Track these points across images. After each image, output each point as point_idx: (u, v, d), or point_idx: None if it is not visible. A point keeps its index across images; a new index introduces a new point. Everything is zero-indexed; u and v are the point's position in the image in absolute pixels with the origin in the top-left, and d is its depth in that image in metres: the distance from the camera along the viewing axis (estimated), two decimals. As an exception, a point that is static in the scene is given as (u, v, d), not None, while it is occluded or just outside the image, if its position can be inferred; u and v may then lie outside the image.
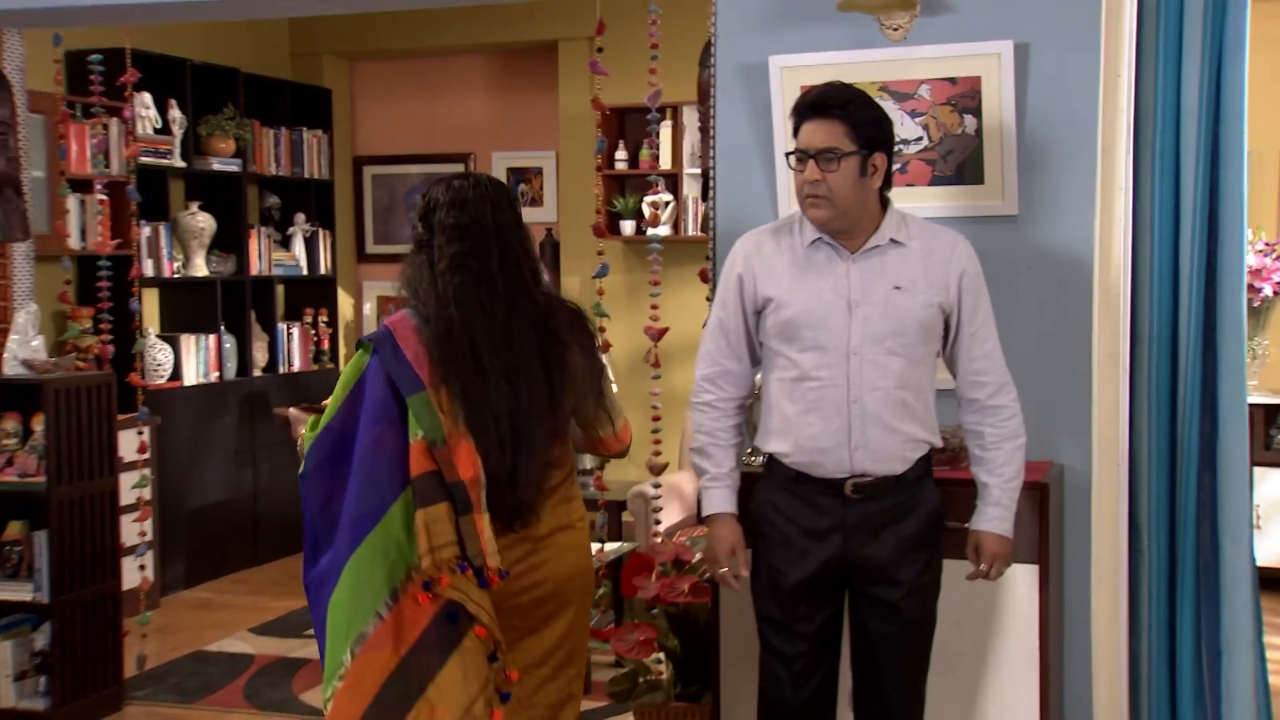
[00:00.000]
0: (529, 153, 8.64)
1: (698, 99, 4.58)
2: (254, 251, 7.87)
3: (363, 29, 8.51)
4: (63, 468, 5.06)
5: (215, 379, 7.57)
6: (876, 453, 3.30)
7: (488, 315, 3.21)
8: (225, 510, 7.60)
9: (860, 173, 3.25)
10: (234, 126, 7.62)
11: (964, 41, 3.93)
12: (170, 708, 5.36)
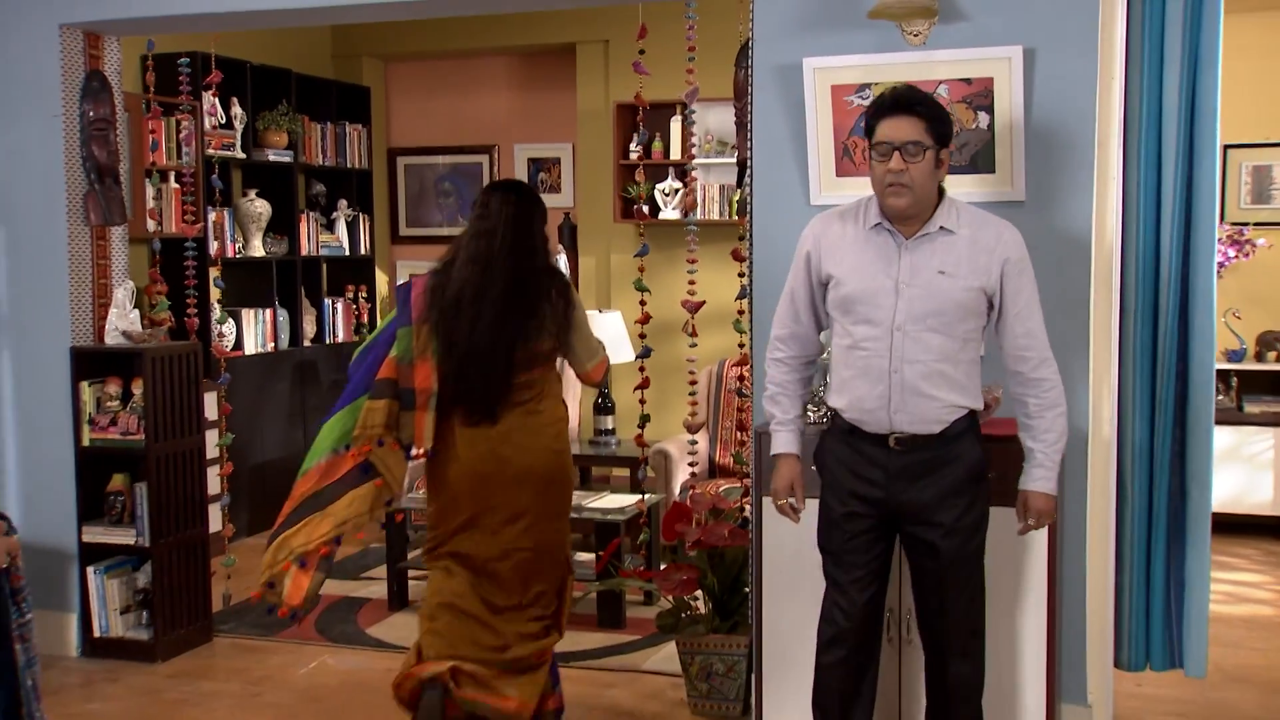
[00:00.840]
0: (548, 144, 8.68)
1: (734, 96, 4.65)
2: (303, 234, 7.92)
3: (397, 33, 8.53)
4: (159, 427, 5.13)
5: (271, 349, 7.63)
6: (914, 416, 3.42)
7: (482, 279, 3.99)
8: (280, 466, 7.65)
9: (934, 164, 3.36)
10: (287, 121, 7.66)
11: (978, 46, 4.03)
12: (253, 640, 5.44)
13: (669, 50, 4.75)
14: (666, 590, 4.51)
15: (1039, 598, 3.79)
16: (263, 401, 7.47)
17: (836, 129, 4.19)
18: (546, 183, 8.68)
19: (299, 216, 7.86)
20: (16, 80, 5.13)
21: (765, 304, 4.37)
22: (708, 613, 4.56)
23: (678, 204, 7.74)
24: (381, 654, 5.23)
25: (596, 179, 8.14)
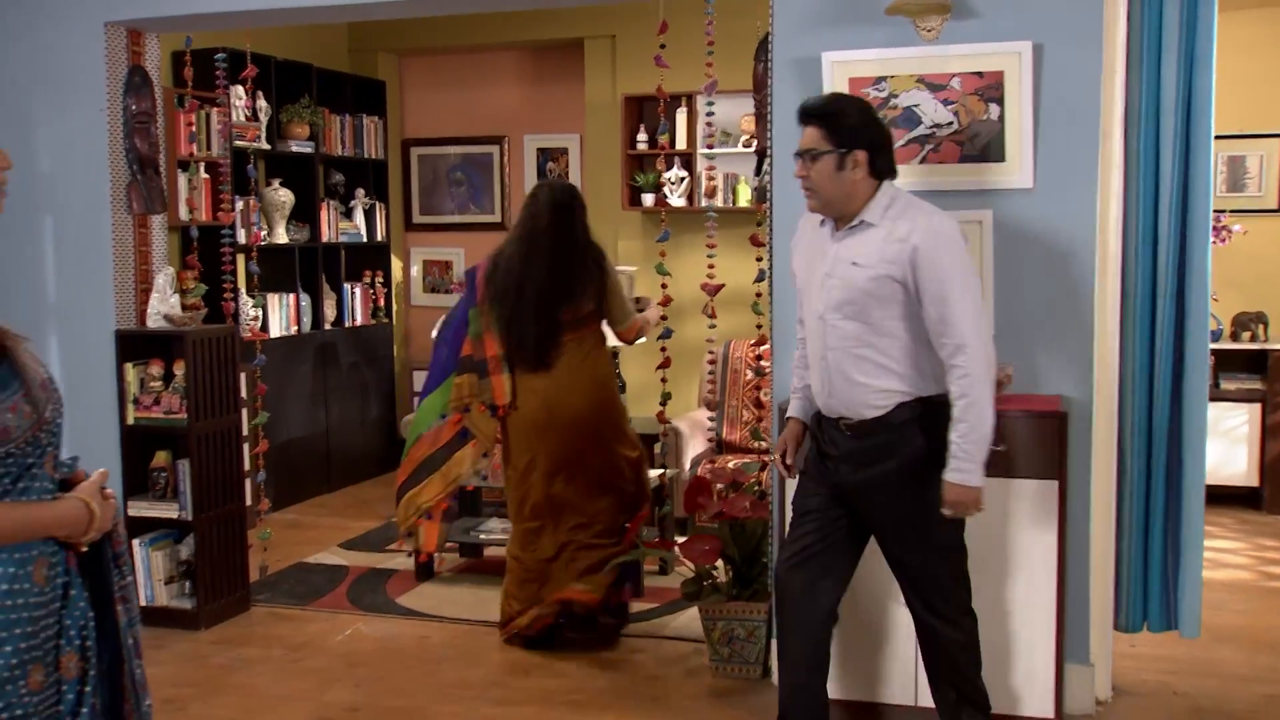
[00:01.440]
0: (556, 135, 8.67)
1: (754, 88, 4.66)
2: (324, 222, 7.91)
3: (412, 29, 8.50)
4: (199, 406, 5.13)
5: (295, 332, 7.62)
6: (846, 401, 3.47)
7: (529, 252, 4.68)
8: (303, 444, 7.67)
9: (838, 167, 3.38)
10: (309, 114, 7.63)
11: (989, 41, 4.05)
12: (289, 609, 5.45)
13: (676, 45, 4.77)
14: (690, 559, 4.54)
15: (1048, 565, 3.83)
16: (287, 383, 7.47)
17: (853, 120, 4.20)
18: (555, 172, 8.67)
19: (320, 205, 7.85)
20: (64, 76, 5.11)
21: (784, 288, 4.39)
22: (728, 581, 4.58)
23: (683, 192, 7.75)
24: (412, 622, 5.25)
25: (604, 169, 8.14)
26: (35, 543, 1.94)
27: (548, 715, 4.24)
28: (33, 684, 1.93)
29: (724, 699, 4.37)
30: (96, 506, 2.02)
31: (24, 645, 1.90)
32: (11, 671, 1.89)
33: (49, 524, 1.95)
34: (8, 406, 1.89)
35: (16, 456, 1.93)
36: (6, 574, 1.89)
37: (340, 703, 4.37)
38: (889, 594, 3.91)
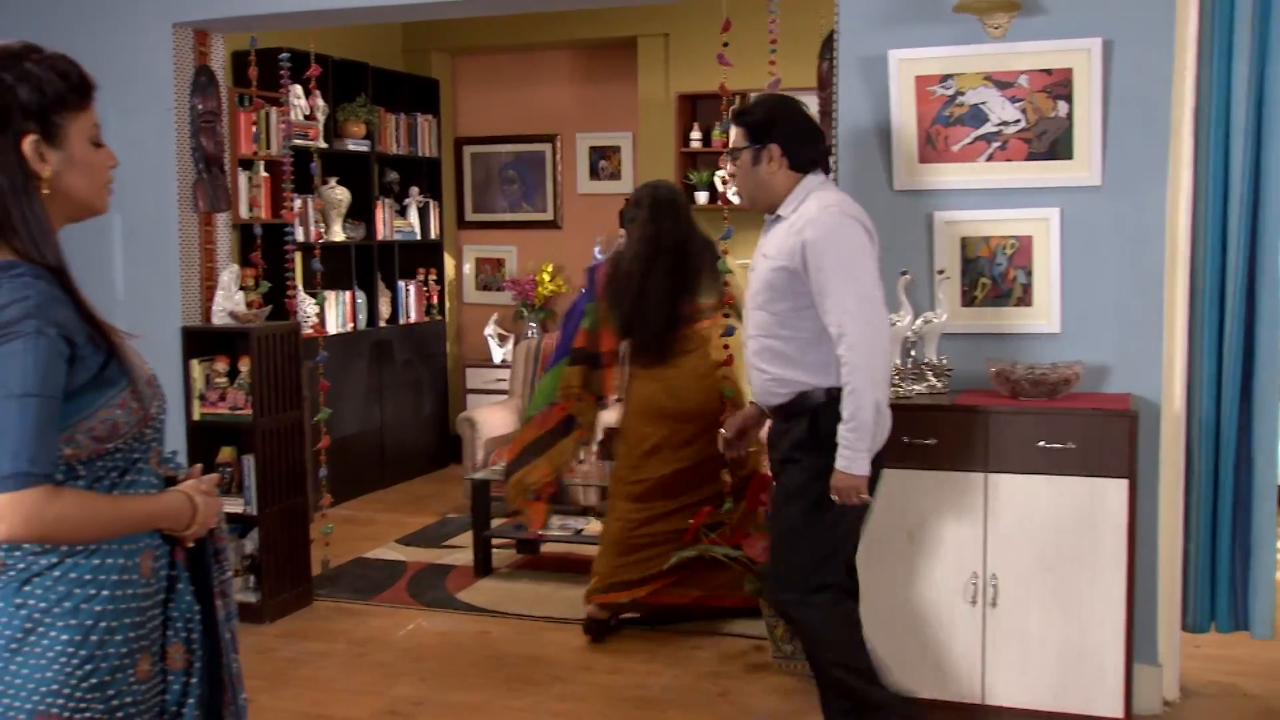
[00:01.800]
0: (608, 133, 8.70)
1: (818, 86, 4.66)
2: (379, 220, 7.97)
3: (465, 28, 8.56)
4: (264, 401, 5.19)
5: (350, 329, 7.69)
6: (757, 388, 3.61)
7: (652, 252, 4.87)
8: (359, 440, 7.74)
9: (753, 162, 3.53)
10: (365, 113, 7.70)
11: (1058, 38, 4.03)
12: (351, 603, 5.50)
13: (734, 42, 4.77)
14: (754, 556, 4.55)
15: (1118, 564, 3.80)
16: (342, 379, 7.53)
17: (920, 117, 4.20)
18: (607, 170, 8.70)
19: (375, 203, 7.91)
20: (133, 76, 5.18)
21: (849, 285, 4.39)
22: (791, 578, 4.58)
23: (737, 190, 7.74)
24: (472, 617, 5.28)
25: (657, 167, 8.15)
26: (142, 535, 1.98)
27: (612, 711, 4.27)
28: (141, 673, 1.97)
29: (788, 696, 4.37)
30: (200, 501, 2.06)
31: (133, 635, 1.94)
32: (121, 660, 1.93)
33: (154, 517, 1.99)
34: (116, 403, 1.92)
35: (124, 452, 1.97)
36: (116, 565, 1.93)
37: (406, 697, 4.41)
38: (954, 590, 3.91)
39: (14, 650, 1.87)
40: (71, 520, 1.84)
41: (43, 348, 1.81)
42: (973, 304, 4.25)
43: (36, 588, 1.88)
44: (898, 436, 3.89)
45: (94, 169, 1.99)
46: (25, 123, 1.90)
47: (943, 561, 3.95)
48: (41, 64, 1.93)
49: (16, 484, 1.78)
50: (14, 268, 1.86)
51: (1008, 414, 3.87)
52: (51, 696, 1.87)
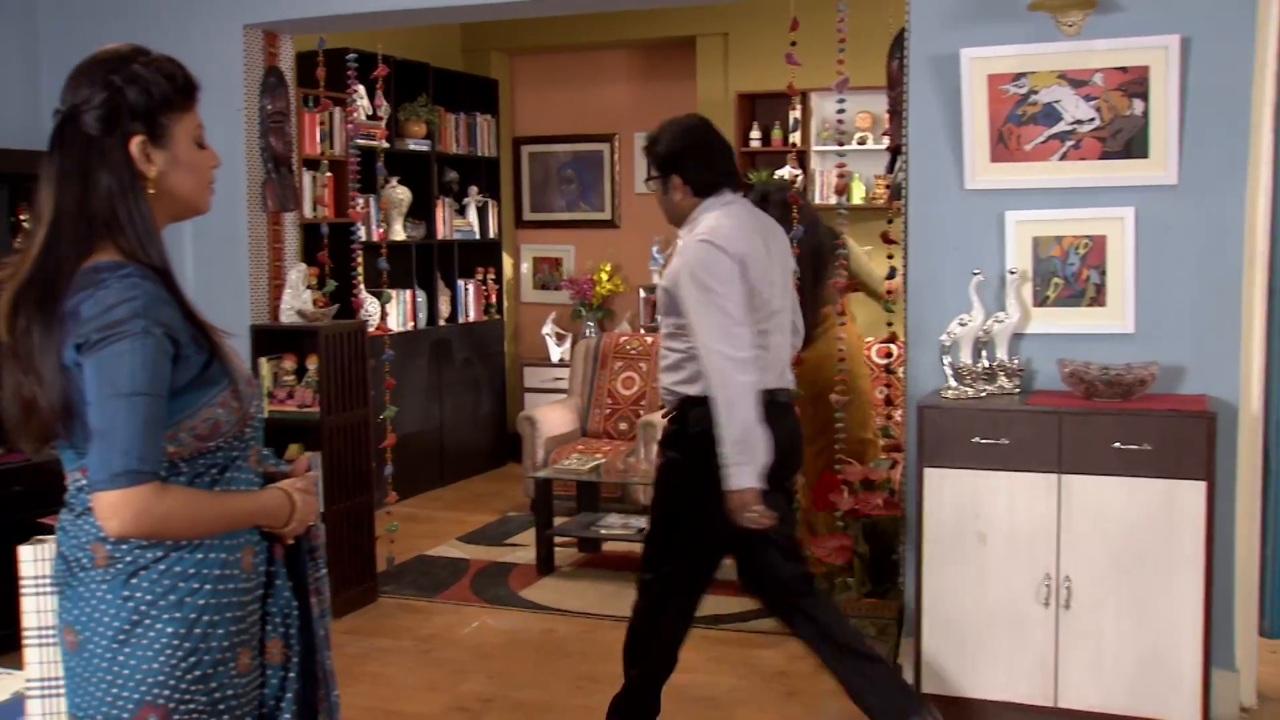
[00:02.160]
0: (667, 133, 8.70)
1: (887, 85, 4.64)
2: (439, 219, 8.03)
3: (523, 28, 8.59)
4: (331, 399, 5.24)
5: (411, 327, 7.75)
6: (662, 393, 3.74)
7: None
8: (418, 438, 7.78)
9: (663, 191, 3.66)
10: (426, 113, 7.76)
11: (1134, 35, 4.00)
12: (415, 600, 5.55)
13: (787, 43, 4.76)
14: (821, 556, 4.54)
15: (1195, 568, 3.76)
16: (403, 378, 7.58)
17: (992, 116, 4.18)
18: (665, 169, 8.71)
19: (435, 202, 7.96)
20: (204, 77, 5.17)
21: (920, 284, 4.38)
22: (859, 578, 4.58)
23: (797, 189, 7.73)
24: (537, 615, 5.31)
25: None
26: (242, 531, 2.01)
27: (680, 711, 4.27)
28: (241, 666, 2.00)
29: (855, 697, 4.36)
30: (298, 499, 2.08)
31: (234, 629, 1.98)
32: (224, 653, 1.96)
33: (254, 513, 2.02)
34: (218, 401, 1.96)
35: (224, 450, 2.00)
36: (218, 560, 1.96)
37: (474, 693, 4.44)
38: (1026, 592, 3.89)
39: (122, 641, 1.91)
40: (179, 517, 1.87)
41: (150, 347, 1.84)
42: (1044, 304, 4.22)
43: (143, 580, 1.92)
44: (969, 436, 3.90)
45: (198, 169, 2.03)
46: (133, 124, 1.93)
47: (1015, 563, 3.92)
48: (149, 66, 1.96)
49: (127, 481, 1.81)
50: (122, 268, 1.90)
51: (1082, 415, 3.84)
52: (158, 688, 1.90)
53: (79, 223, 1.92)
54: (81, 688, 1.95)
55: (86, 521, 1.94)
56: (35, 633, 2.41)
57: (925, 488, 4.00)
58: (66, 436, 1.93)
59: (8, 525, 4.77)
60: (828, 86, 4.94)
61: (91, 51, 2.01)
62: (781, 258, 3.73)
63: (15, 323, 1.91)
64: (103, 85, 1.93)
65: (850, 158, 7.57)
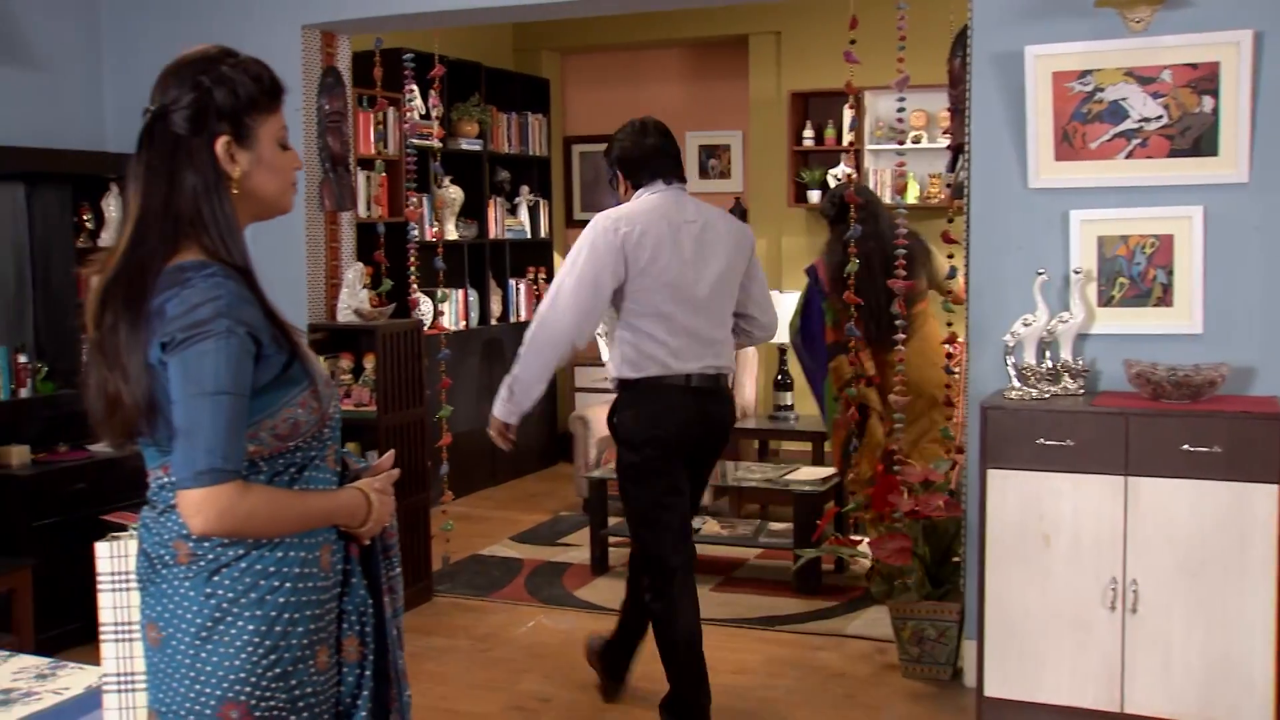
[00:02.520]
0: (718, 132, 8.70)
1: (949, 84, 4.61)
2: (491, 218, 8.05)
3: (574, 27, 8.61)
4: (388, 398, 5.27)
5: (464, 326, 7.78)
6: None
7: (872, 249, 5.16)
8: (470, 438, 7.78)
9: (616, 187, 4.05)
10: (478, 112, 7.79)
11: (1204, 31, 3.95)
12: (471, 600, 5.57)
13: (841, 41, 4.73)
14: (881, 557, 4.51)
15: (1267, 571, 3.70)
16: (455, 377, 7.59)
17: (1057, 114, 4.14)
18: (716, 168, 8.70)
19: (487, 202, 7.99)
20: (263, 76, 5.28)
21: (981, 284, 4.35)
22: (918, 580, 4.55)
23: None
24: (592, 615, 5.31)
25: (768, 165, 8.14)
26: (320, 530, 2.02)
27: (738, 712, 4.26)
28: (320, 664, 2.01)
29: (916, 700, 4.34)
30: (375, 498, 2.09)
31: (313, 627, 1.98)
32: (303, 651, 1.97)
33: (332, 512, 2.03)
34: (298, 402, 1.97)
35: (303, 450, 2.01)
36: (297, 558, 1.97)
37: (532, 693, 4.45)
38: (1091, 595, 3.85)
39: (204, 639, 1.92)
40: (261, 515, 1.88)
41: (234, 346, 1.86)
42: (1110, 304, 4.18)
43: (224, 578, 1.93)
44: (1033, 438, 3.86)
45: (280, 170, 2.04)
46: (219, 124, 1.95)
47: (1080, 566, 3.88)
48: (236, 67, 1.98)
49: (211, 480, 1.82)
50: (206, 267, 1.91)
51: (1150, 416, 3.79)
52: (239, 685, 1.92)
53: (164, 221, 1.94)
54: (164, 683, 1.97)
55: (169, 519, 1.96)
56: (112, 628, 2.45)
57: (988, 489, 3.97)
58: (150, 434, 1.94)
59: (72, 523, 4.85)
60: (882, 85, 4.94)
61: (171, 52, 2.03)
62: (720, 249, 3.91)
63: (102, 319, 1.93)
64: (191, 86, 1.94)
65: (905, 156, 7.57)
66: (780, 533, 5.75)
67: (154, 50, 5.65)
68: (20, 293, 5.18)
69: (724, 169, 8.68)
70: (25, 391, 5.02)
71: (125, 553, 2.44)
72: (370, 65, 5.73)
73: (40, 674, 3.00)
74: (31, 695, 2.84)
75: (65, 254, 5.19)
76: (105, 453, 5.08)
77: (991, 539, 3.99)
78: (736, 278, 3.96)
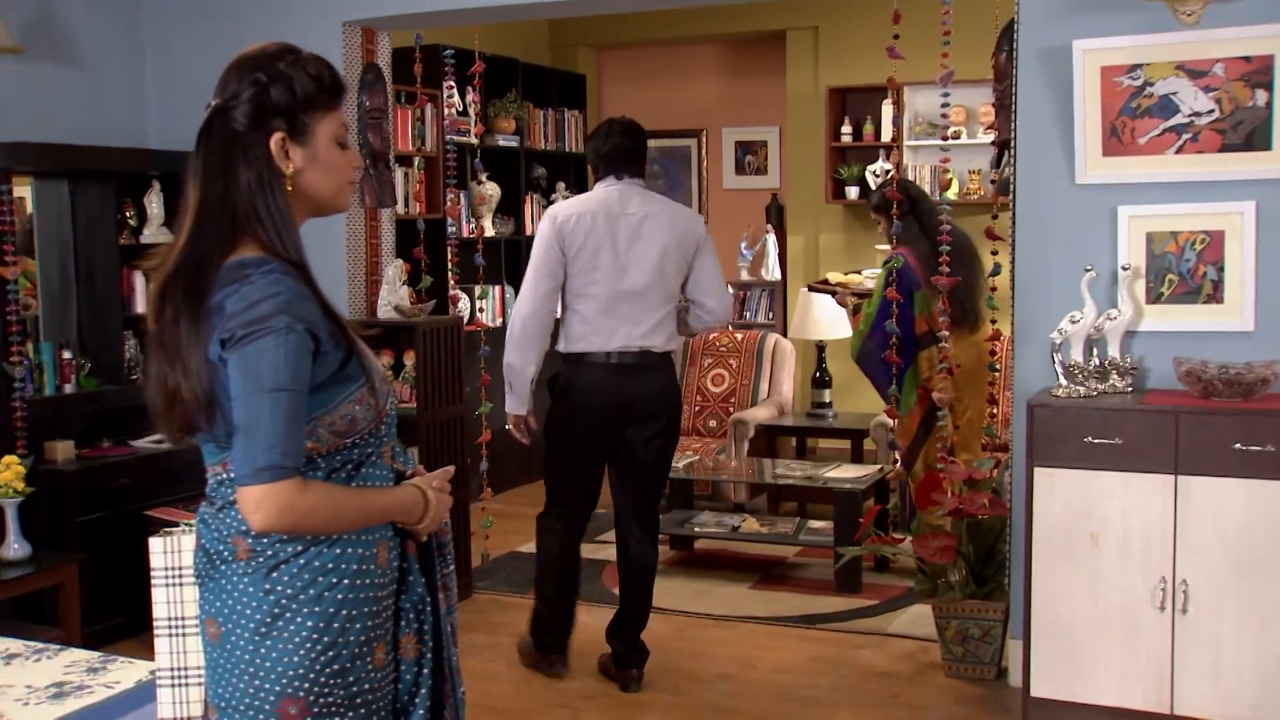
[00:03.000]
0: (755, 128, 8.68)
1: (994, 79, 4.58)
2: (527, 215, 8.06)
3: (611, 23, 8.61)
4: (428, 395, 5.28)
5: (500, 324, 7.78)
6: None
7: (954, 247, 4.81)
8: (505, 435, 7.77)
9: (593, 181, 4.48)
10: (515, 109, 7.79)
11: (1258, 24, 3.90)
12: (510, 597, 5.57)
13: (879, 36, 4.70)
14: (925, 556, 4.49)
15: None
16: (492, 374, 7.61)
17: (1105, 109, 4.10)
18: (753, 165, 8.68)
19: (524, 198, 8.00)
20: (305, 73, 5.31)
21: (1027, 281, 4.31)
22: (962, 579, 4.52)
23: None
24: (631, 612, 5.30)
25: (805, 162, 8.11)
26: (377, 527, 2.03)
27: (781, 711, 4.25)
28: (377, 661, 2.01)
29: (960, 699, 4.31)
30: (432, 496, 2.09)
31: (370, 623, 1.99)
32: (360, 648, 1.97)
33: (389, 509, 2.03)
34: (355, 398, 1.97)
35: (360, 447, 2.02)
36: (355, 555, 1.97)
37: (575, 691, 4.45)
38: (1141, 595, 3.81)
39: (263, 634, 1.93)
40: (320, 512, 1.89)
41: (292, 343, 1.86)
42: (1158, 301, 4.14)
43: (283, 574, 1.93)
44: (1081, 436, 3.83)
45: (336, 169, 2.04)
46: (275, 120, 1.95)
47: (1129, 565, 3.85)
48: (295, 64, 1.98)
49: (271, 476, 1.83)
50: (265, 264, 1.92)
51: (1200, 415, 3.76)
52: (298, 680, 1.92)
53: (221, 215, 1.95)
54: (223, 678, 1.97)
55: (228, 515, 1.96)
56: (166, 623, 2.46)
57: (1035, 487, 3.94)
58: (208, 429, 1.95)
59: (116, 518, 4.88)
60: (922, 80, 4.90)
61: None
62: (658, 239, 4.26)
63: (162, 313, 1.94)
64: (250, 82, 1.95)
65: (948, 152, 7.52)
66: (820, 530, 5.73)
67: (196, 48, 5.75)
68: (64, 289, 5.23)
69: (760, 165, 8.67)
70: (69, 387, 5.07)
71: (178, 548, 2.45)
72: (410, 62, 5.73)
73: (91, 668, 3.03)
74: (83, 689, 2.87)
75: (108, 251, 5.22)
76: (148, 448, 5.12)
77: (1038, 538, 3.96)
78: (676, 265, 4.31)
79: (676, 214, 4.37)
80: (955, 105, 7.45)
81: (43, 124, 5.17)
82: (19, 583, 4.33)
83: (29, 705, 2.80)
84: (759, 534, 5.80)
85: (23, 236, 5.06)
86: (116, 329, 5.23)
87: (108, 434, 5.17)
